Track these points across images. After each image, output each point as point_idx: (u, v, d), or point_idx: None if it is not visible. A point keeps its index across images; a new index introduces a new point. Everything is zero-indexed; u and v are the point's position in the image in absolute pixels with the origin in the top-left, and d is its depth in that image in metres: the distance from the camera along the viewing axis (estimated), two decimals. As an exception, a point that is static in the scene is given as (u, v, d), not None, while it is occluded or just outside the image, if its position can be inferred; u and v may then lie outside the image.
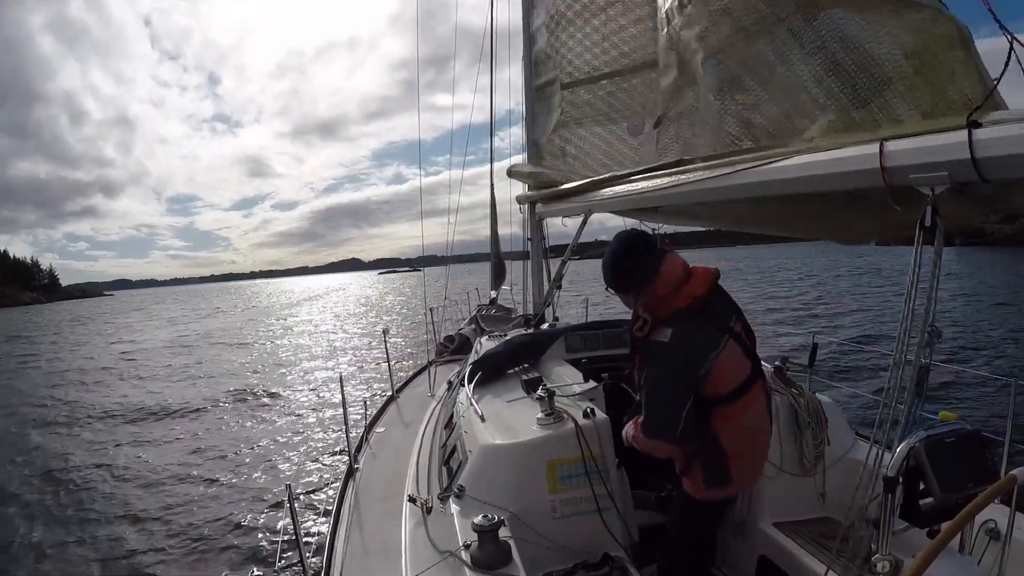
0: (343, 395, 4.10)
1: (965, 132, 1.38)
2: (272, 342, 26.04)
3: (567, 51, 4.35)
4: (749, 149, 2.20)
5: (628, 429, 2.32)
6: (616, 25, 3.75)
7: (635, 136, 3.61)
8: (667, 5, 2.66)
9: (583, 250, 4.87)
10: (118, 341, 31.33)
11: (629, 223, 4.54)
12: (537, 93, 4.96)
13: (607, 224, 5.10)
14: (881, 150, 1.59)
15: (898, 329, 1.59)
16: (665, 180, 2.66)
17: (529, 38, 5.03)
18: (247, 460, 8.98)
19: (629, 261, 2.13)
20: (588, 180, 3.70)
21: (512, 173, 5.28)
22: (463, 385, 3.36)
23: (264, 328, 33.87)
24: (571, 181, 4.12)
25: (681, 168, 2.58)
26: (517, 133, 5.61)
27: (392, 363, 6.13)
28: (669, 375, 2.00)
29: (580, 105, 4.30)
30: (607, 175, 3.39)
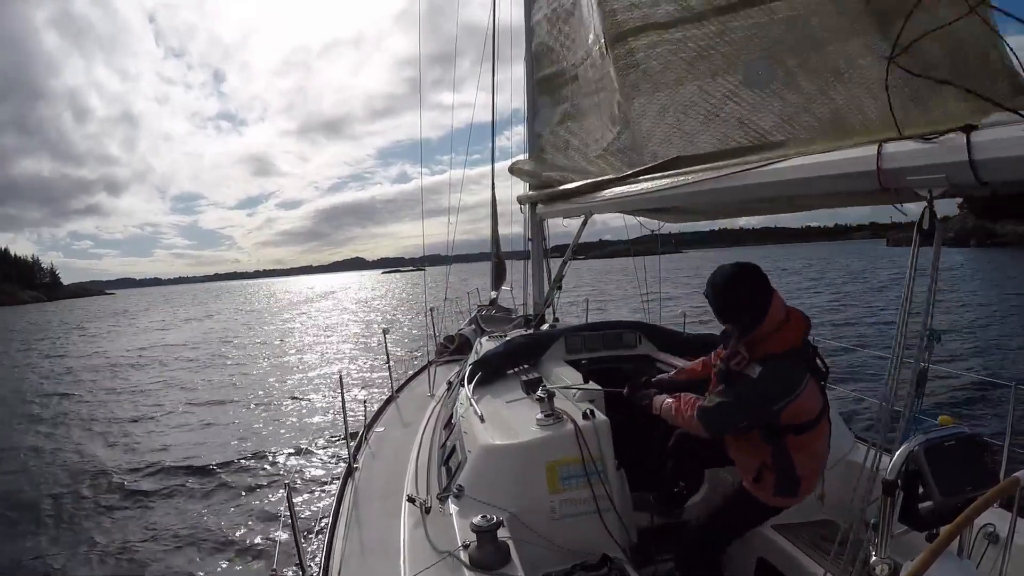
0: (342, 395, 4.10)
1: (963, 135, 1.38)
2: (271, 341, 26.05)
3: (570, 43, 4.34)
4: (747, 149, 2.19)
5: (665, 400, 2.49)
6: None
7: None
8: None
9: (584, 250, 4.88)
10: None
11: (631, 222, 4.54)
12: (539, 86, 4.96)
13: (610, 224, 5.10)
14: (879, 152, 1.59)
15: (895, 332, 1.59)
16: (665, 181, 2.66)
17: (530, 31, 5.04)
18: (246, 459, 8.98)
19: (747, 297, 2.20)
20: (589, 181, 3.69)
21: (514, 171, 5.28)
22: (463, 385, 3.36)
23: (264, 328, 33.87)
24: (571, 179, 4.11)
25: (680, 171, 2.57)
26: (521, 132, 5.61)
27: (392, 363, 6.13)
28: (745, 402, 2.20)
29: (583, 97, 4.29)
30: (608, 176, 3.38)
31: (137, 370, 19.57)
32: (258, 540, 6.18)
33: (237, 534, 6.39)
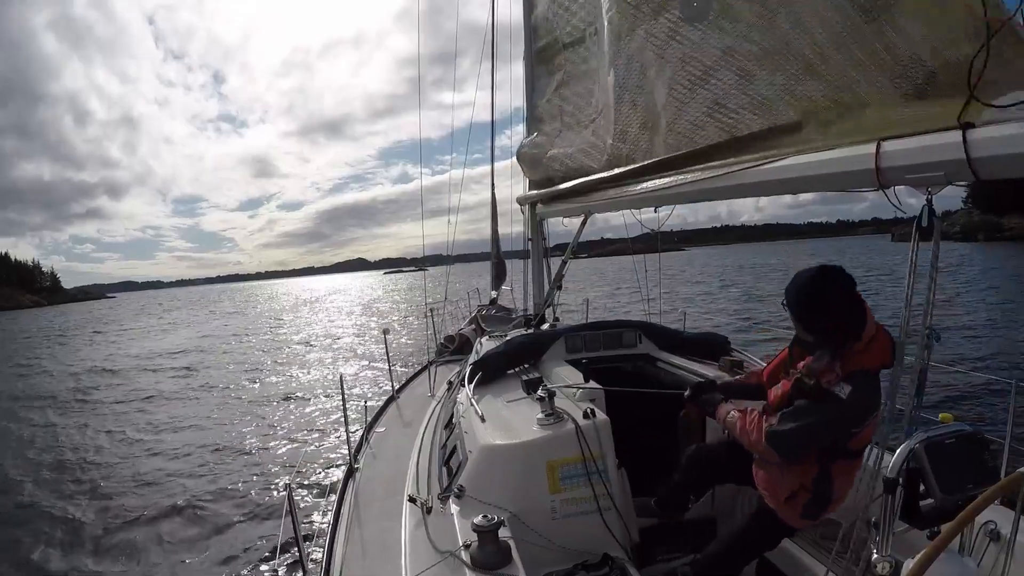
0: (343, 395, 4.10)
1: (959, 133, 1.39)
2: (271, 342, 26.06)
3: (563, 11, 4.37)
4: (747, 141, 2.19)
5: (732, 411, 2.27)
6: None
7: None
8: None
9: (584, 249, 4.86)
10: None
11: (631, 219, 4.51)
12: (536, 57, 4.96)
13: (611, 221, 5.09)
14: (877, 150, 1.59)
15: (897, 330, 1.59)
16: (664, 181, 2.66)
17: (529, 3, 5.05)
18: (247, 460, 9.00)
19: (845, 309, 1.96)
20: (588, 180, 3.69)
21: (520, 156, 5.26)
22: (463, 385, 3.36)
23: (264, 328, 33.87)
24: (569, 162, 4.08)
25: (680, 169, 2.57)
26: (521, 131, 5.61)
27: (392, 363, 6.12)
28: (828, 424, 1.99)
29: (577, 63, 4.29)
30: (607, 175, 3.38)
31: (139, 372, 19.59)
32: (259, 541, 6.18)
33: (238, 535, 6.40)
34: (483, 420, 2.74)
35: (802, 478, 2.08)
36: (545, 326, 4.82)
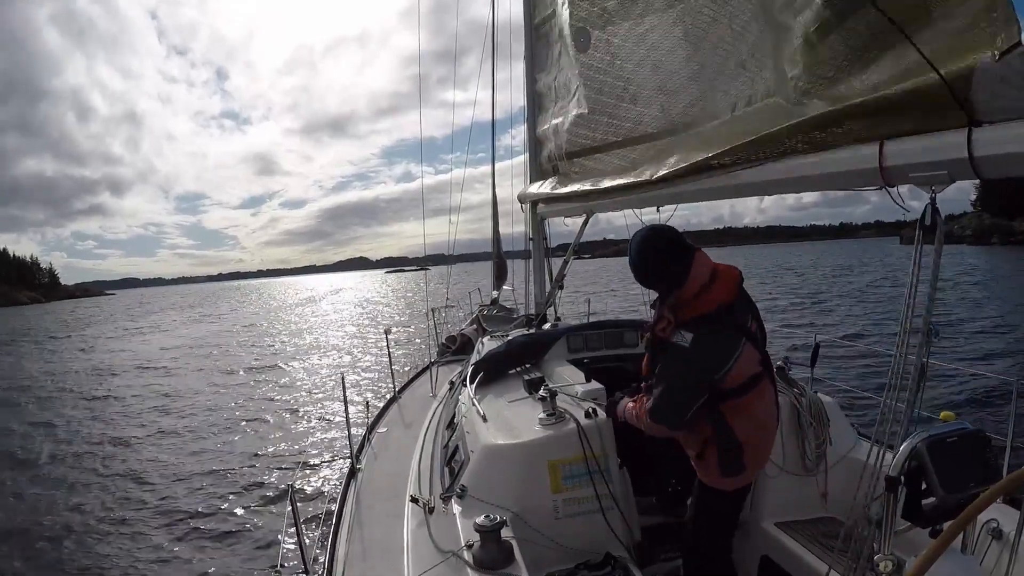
0: (345, 395, 4.11)
1: (963, 132, 1.38)
2: (272, 342, 26.06)
3: None
4: (747, 146, 2.18)
5: (627, 404, 2.35)
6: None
7: (583, 52, 3.60)
8: None
9: (588, 249, 4.86)
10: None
11: (632, 220, 4.52)
12: (537, 31, 4.91)
13: (614, 222, 5.09)
14: (881, 149, 1.59)
15: (898, 328, 1.59)
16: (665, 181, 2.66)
17: None
18: (249, 461, 9.01)
19: (660, 260, 2.08)
20: (589, 189, 3.69)
21: (522, 196, 5.25)
22: (465, 385, 3.37)
23: (264, 328, 33.84)
24: (566, 134, 4.07)
25: (681, 168, 2.57)
26: (522, 130, 5.59)
27: (394, 363, 6.13)
28: (685, 376, 2.06)
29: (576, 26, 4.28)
30: (607, 186, 3.37)
31: (134, 374, 19.59)
32: (262, 541, 6.19)
33: (240, 536, 6.40)
34: (485, 420, 2.75)
35: (703, 431, 2.12)
36: (547, 326, 4.82)
